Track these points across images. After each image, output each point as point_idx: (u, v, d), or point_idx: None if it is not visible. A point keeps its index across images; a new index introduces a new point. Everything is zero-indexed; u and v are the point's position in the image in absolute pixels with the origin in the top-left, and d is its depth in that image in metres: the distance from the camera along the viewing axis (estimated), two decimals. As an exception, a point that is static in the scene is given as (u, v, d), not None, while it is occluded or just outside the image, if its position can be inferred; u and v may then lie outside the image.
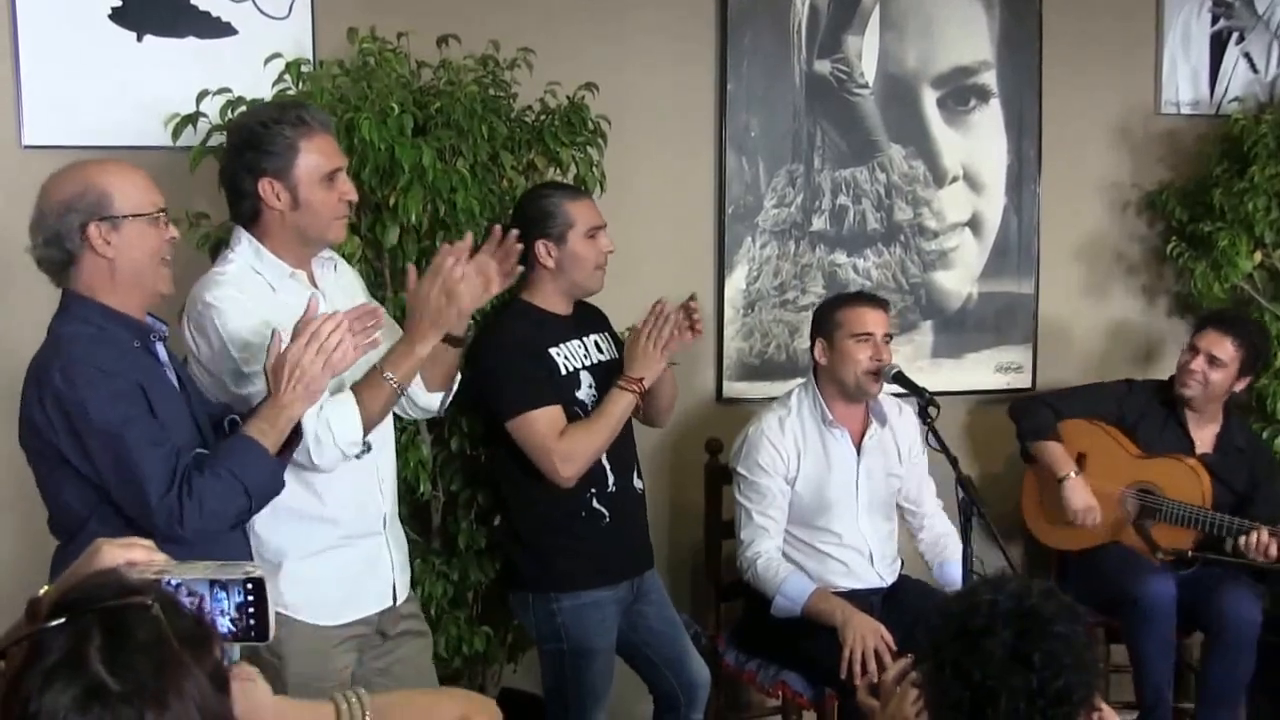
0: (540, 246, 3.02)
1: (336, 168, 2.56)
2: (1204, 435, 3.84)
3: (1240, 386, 3.81)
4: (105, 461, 2.16)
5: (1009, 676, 1.68)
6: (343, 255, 2.80)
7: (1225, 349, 3.72)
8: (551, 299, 3.10)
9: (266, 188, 2.50)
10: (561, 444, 2.96)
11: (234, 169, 2.54)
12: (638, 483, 3.20)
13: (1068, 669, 1.69)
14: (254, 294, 2.49)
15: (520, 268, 2.71)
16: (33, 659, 1.17)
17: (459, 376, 2.85)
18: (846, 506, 3.42)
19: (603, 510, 3.08)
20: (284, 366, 2.22)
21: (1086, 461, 3.82)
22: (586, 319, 3.19)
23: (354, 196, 2.61)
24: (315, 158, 2.52)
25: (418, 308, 2.52)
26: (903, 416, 3.53)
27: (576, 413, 3.04)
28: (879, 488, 3.47)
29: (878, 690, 2.11)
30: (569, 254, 3.04)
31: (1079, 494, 3.74)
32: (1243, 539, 3.60)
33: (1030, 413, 3.88)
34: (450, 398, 2.86)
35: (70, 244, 2.20)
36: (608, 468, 3.08)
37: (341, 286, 2.69)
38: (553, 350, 3.05)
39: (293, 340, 2.23)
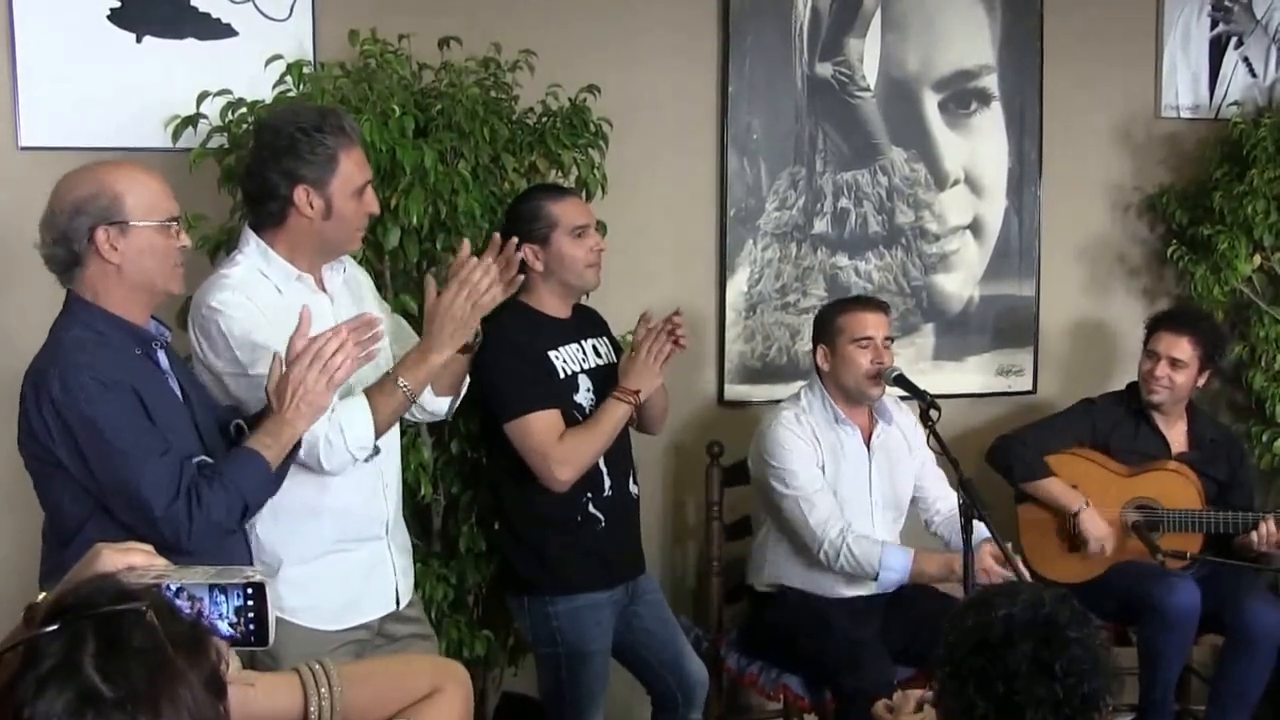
0: (526, 250, 2.98)
1: (368, 180, 2.55)
2: (1175, 434, 3.82)
3: (1203, 381, 3.78)
4: (105, 472, 2.14)
5: (1034, 688, 1.68)
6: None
7: (1183, 349, 3.70)
8: (548, 302, 3.09)
9: (302, 195, 2.48)
10: (558, 448, 2.95)
11: (266, 171, 2.50)
12: (633, 487, 3.19)
13: (1089, 674, 1.69)
14: (260, 297, 2.48)
15: (521, 276, 2.73)
16: (27, 665, 1.16)
17: (467, 381, 2.85)
18: (860, 504, 3.42)
19: (598, 514, 3.07)
20: (287, 387, 2.21)
21: (1079, 492, 3.76)
22: (586, 322, 3.19)
23: (376, 210, 2.61)
24: (352, 170, 2.51)
25: (440, 318, 2.51)
26: (904, 413, 3.53)
27: (574, 416, 3.03)
28: (888, 486, 3.47)
29: (891, 710, 2.10)
30: (554, 255, 3.02)
31: (1097, 524, 3.66)
32: (1253, 535, 3.59)
33: (1014, 455, 3.76)
34: (458, 402, 2.86)
35: (77, 246, 2.18)
36: (604, 472, 3.07)
37: (350, 289, 2.68)
38: (551, 353, 3.04)
39: (296, 361, 2.21)
